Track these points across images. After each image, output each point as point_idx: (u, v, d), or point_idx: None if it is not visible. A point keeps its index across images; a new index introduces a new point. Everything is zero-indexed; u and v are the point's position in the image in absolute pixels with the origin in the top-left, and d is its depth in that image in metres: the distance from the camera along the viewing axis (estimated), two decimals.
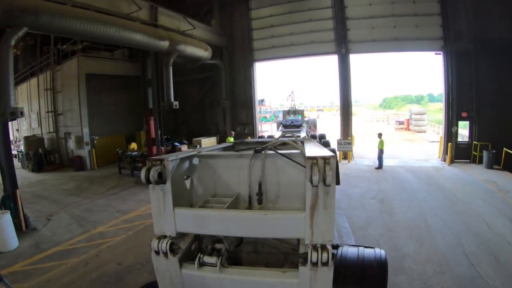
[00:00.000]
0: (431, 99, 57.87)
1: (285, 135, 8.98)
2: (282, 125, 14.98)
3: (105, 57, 19.33)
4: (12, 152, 10.01)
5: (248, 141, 6.74)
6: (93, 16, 10.34)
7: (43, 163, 18.00)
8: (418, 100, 61.55)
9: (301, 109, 20.96)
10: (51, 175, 16.61)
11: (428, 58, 34.57)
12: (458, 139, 16.03)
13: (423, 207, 9.36)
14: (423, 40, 16.07)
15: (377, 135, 15.77)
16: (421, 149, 21.25)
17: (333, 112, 49.96)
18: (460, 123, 15.88)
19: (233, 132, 18.43)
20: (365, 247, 3.88)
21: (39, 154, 17.97)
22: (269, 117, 35.44)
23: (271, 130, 25.44)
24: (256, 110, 20.66)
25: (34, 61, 20.19)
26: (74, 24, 9.47)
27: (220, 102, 19.92)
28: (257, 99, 21.00)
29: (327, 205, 2.51)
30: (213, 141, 19.23)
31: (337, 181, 2.61)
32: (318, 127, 24.52)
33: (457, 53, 15.25)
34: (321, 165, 2.44)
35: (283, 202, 3.27)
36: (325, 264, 2.52)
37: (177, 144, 17.67)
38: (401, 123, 37.58)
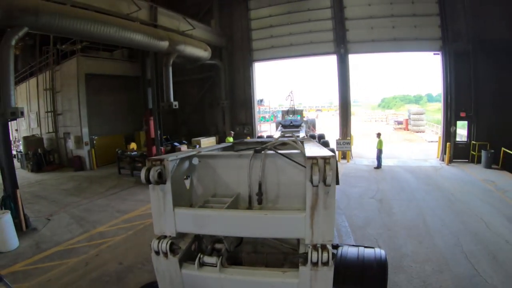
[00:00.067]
0: (430, 99, 57.92)
1: (285, 135, 8.99)
2: (281, 125, 14.96)
3: (105, 57, 19.34)
4: (12, 152, 10.02)
5: (247, 141, 6.75)
6: (93, 16, 10.35)
7: (42, 163, 18.00)
8: (416, 100, 61.57)
9: (300, 109, 20.91)
10: (51, 175, 16.61)
11: (426, 58, 34.56)
12: (456, 139, 16.08)
13: (421, 206, 9.39)
14: (422, 40, 16.13)
15: (376, 135, 15.81)
16: (420, 149, 21.31)
17: (332, 112, 49.89)
18: (458, 123, 15.95)
19: (232, 132, 18.44)
20: (365, 247, 3.89)
21: (38, 154, 17.97)
22: (268, 117, 35.44)
23: (270, 130, 25.46)
24: (255, 110, 20.69)
25: (33, 61, 20.17)
26: (74, 24, 9.48)
27: (219, 102, 19.95)
28: (256, 99, 21.03)
29: (327, 205, 2.52)
30: (212, 141, 19.25)
31: (336, 181, 2.62)
32: (317, 127, 24.54)
33: (455, 53, 15.31)
34: (321, 165, 2.45)
35: (283, 202, 3.28)
36: (326, 264, 2.53)
37: (176, 144, 17.68)
38: (400, 123, 37.62)
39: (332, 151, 3.41)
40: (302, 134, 11.04)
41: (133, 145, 18.17)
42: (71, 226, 9.04)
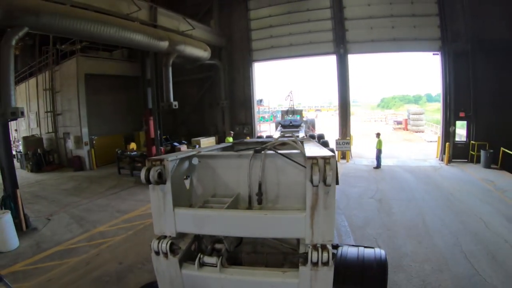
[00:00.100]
0: (429, 99, 57.93)
1: (285, 135, 9.00)
2: (280, 125, 14.95)
3: (104, 57, 19.35)
4: (12, 152, 10.02)
5: (247, 141, 6.76)
6: (93, 16, 10.36)
7: (42, 163, 18.00)
8: (416, 100, 61.57)
9: (299, 109, 20.94)
10: (50, 175, 16.61)
11: (426, 58, 34.61)
12: (456, 139, 16.11)
13: (421, 206, 9.42)
14: (421, 40, 16.17)
15: (375, 135, 15.84)
16: (419, 148, 21.33)
17: (331, 112, 49.88)
18: (457, 123, 15.97)
19: (232, 132, 18.46)
20: (365, 247, 3.89)
21: (38, 154, 17.97)
22: (267, 117, 35.46)
23: (270, 130, 25.48)
24: (254, 110, 20.72)
25: (32, 61, 20.18)
26: (74, 24, 9.49)
27: (219, 102, 19.95)
28: (255, 99, 21.05)
29: (327, 205, 2.53)
30: (212, 141, 19.27)
31: (336, 181, 2.63)
32: (316, 127, 24.56)
33: (454, 53, 15.34)
34: (321, 165, 2.45)
35: (283, 202, 3.28)
36: (326, 264, 2.53)
37: (176, 144, 17.68)
38: (399, 123, 37.62)
39: (331, 151, 3.42)
40: (301, 134, 11.04)
41: (133, 145, 18.17)
42: (71, 226, 9.05)
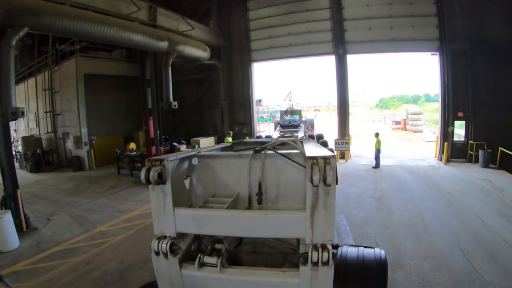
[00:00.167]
0: (428, 99, 58.03)
1: (285, 135, 9.03)
2: (280, 125, 14.96)
3: (103, 58, 19.35)
4: (12, 152, 10.03)
5: (246, 141, 6.75)
6: (93, 16, 10.37)
7: (41, 163, 17.99)
8: (414, 100, 61.66)
9: (298, 109, 20.96)
10: (50, 175, 16.61)
11: (424, 58, 34.73)
12: (454, 139, 16.17)
13: (420, 206, 9.46)
14: (419, 40, 16.22)
15: (374, 134, 15.89)
16: (418, 148, 21.39)
17: (330, 112, 49.98)
18: (456, 122, 16.01)
19: (231, 132, 18.48)
20: (365, 247, 3.90)
21: (37, 154, 17.96)
22: (266, 117, 35.45)
23: (269, 130, 25.48)
24: (254, 110, 20.74)
25: (31, 61, 20.16)
26: (74, 24, 9.50)
27: (218, 102, 19.96)
28: (255, 99, 21.07)
29: (328, 205, 2.54)
30: (211, 141, 19.30)
31: (335, 181, 2.67)
32: (315, 127, 24.60)
33: (453, 53, 15.39)
34: (321, 165, 2.47)
35: (282, 202, 3.29)
36: (326, 263, 2.55)
37: (175, 144, 17.70)
38: (398, 123, 37.66)
39: (330, 151, 3.43)
40: (300, 134, 11.08)
41: (132, 145, 18.19)
42: (72, 225, 9.07)
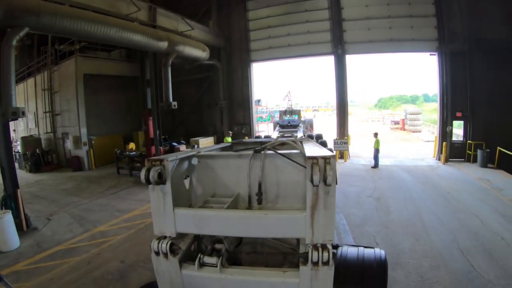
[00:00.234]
0: (426, 99, 58.17)
1: (284, 135, 9.06)
2: (279, 125, 15.00)
3: (103, 58, 19.33)
4: (13, 152, 10.04)
5: (246, 141, 6.74)
6: (93, 17, 10.38)
7: (40, 163, 17.97)
8: (413, 100, 61.81)
9: (297, 109, 21.01)
10: (49, 175, 16.60)
11: (423, 58, 34.87)
12: (452, 139, 16.25)
13: (418, 205, 9.52)
14: (418, 41, 16.28)
15: (373, 134, 15.92)
16: (416, 148, 21.46)
17: (329, 112, 50.12)
18: (454, 122, 16.08)
19: (230, 132, 18.49)
20: (365, 247, 3.91)
21: (37, 154, 17.94)
22: (265, 117, 35.45)
23: (268, 130, 25.52)
24: (253, 110, 20.77)
25: (30, 61, 20.11)
26: (75, 24, 9.52)
27: (217, 102, 20.00)
28: (254, 100, 21.10)
29: (328, 204, 2.55)
30: (210, 141, 19.31)
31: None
32: (314, 127, 24.65)
33: (451, 53, 15.46)
34: (321, 165, 2.48)
35: (282, 202, 3.30)
36: (326, 263, 2.56)
37: (175, 144, 17.71)
38: (397, 123, 37.72)
39: (330, 151, 3.43)
40: (300, 134, 11.11)
41: (132, 145, 18.20)
42: (72, 225, 9.08)
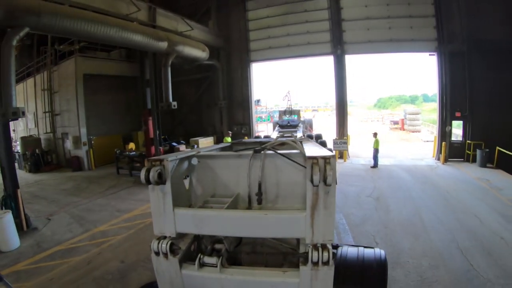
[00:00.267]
0: (426, 99, 58.20)
1: (284, 135, 9.07)
2: (278, 125, 15.00)
3: (102, 58, 19.33)
4: (13, 151, 10.04)
5: (245, 141, 6.73)
6: (94, 17, 10.38)
7: (40, 163, 17.95)
8: (412, 100, 61.85)
9: (297, 109, 21.02)
10: (49, 176, 16.60)
11: (422, 58, 34.99)
12: (452, 139, 16.29)
13: (418, 204, 9.54)
14: (417, 41, 16.31)
15: (373, 134, 15.95)
16: (416, 148, 21.50)
17: (328, 112, 50.16)
18: (454, 122, 16.12)
19: (230, 132, 18.49)
20: (365, 247, 3.92)
21: (36, 154, 17.92)
22: (264, 117, 35.44)
23: (267, 130, 25.54)
24: (252, 110, 20.76)
25: (30, 61, 20.08)
26: (75, 24, 9.52)
27: (217, 102, 20.01)
28: (253, 100, 21.11)
29: (328, 204, 2.56)
30: (210, 141, 19.32)
31: None
32: (313, 127, 24.66)
33: (450, 53, 15.49)
34: (321, 165, 2.48)
35: (282, 202, 3.30)
36: (326, 263, 2.56)
37: (175, 144, 17.72)
38: (396, 123, 37.74)
39: (329, 150, 3.40)
40: (299, 134, 11.11)
41: (132, 145, 18.21)
42: (72, 225, 9.08)
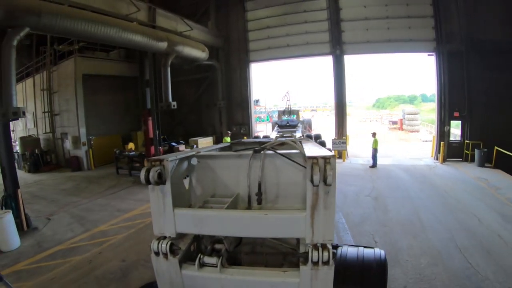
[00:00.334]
0: (424, 99, 58.30)
1: (284, 135, 9.09)
2: (277, 125, 15.01)
3: (102, 58, 19.34)
4: (13, 151, 10.05)
5: (245, 141, 6.74)
6: (94, 17, 10.41)
7: (39, 163, 17.94)
8: (411, 100, 61.93)
9: (296, 109, 21.04)
10: (48, 176, 16.60)
11: (421, 59, 35.07)
12: (450, 138, 16.35)
13: (416, 204, 9.59)
14: (416, 41, 16.37)
15: (371, 134, 15.99)
16: (414, 148, 21.59)
17: (327, 112, 50.18)
18: (452, 122, 16.18)
19: (229, 132, 18.52)
20: (365, 247, 3.93)
21: (36, 154, 17.92)
22: (263, 117, 35.44)
23: (266, 130, 25.56)
24: (252, 110, 20.78)
25: (29, 61, 20.05)
26: (75, 24, 9.55)
27: (216, 102, 20.04)
28: (252, 100, 21.13)
29: (328, 204, 2.56)
30: (209, 141, 19.35)
31: None
32: (312, 127, 24.72)
33: (449, 54, 15.55)
34: (321, 164, 2.48)
35: (282, 202, 3.30)
36: (326, 263, 2.57)
37: (174, 144, 17.74)
38: (395, 123, 37.87)
39: (328, 150, 3.39)
40: (298, 134, 11.13)
41: (131, 145, 18.20)
42: (72, 225, 9.11)
